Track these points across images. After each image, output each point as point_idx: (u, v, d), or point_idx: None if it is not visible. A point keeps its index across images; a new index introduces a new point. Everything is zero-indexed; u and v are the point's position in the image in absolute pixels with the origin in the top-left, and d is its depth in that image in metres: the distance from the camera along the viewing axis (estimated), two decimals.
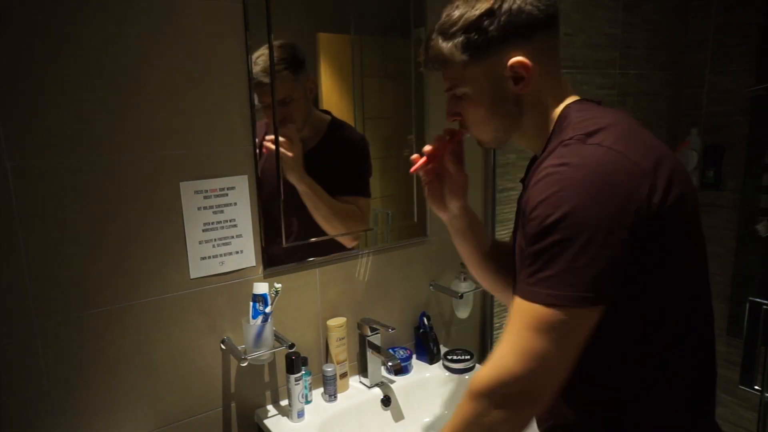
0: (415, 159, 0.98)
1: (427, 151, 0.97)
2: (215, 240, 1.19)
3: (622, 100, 2.00)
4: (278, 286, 1.21)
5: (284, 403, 1.33)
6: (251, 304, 1.19)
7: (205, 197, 1.16)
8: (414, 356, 1.52)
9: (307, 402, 1.32)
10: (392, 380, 1.43)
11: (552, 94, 0.81)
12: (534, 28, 0.77)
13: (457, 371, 1.46)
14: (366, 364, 1.40)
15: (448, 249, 1.33)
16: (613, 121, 0.73)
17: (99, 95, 1.01)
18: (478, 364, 1.48)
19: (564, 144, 0.72)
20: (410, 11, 1.40)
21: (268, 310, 1.19)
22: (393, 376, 1.44)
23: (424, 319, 1.53)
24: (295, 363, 1.23)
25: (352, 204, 1.40)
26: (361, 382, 1.43)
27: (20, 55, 0.93)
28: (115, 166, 1.05)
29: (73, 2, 0.96)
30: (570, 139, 0.71)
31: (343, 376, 1.38)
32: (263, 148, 1.24)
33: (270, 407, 1.32)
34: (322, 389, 1.36)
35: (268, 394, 1.33)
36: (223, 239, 1.20)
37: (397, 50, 1.43)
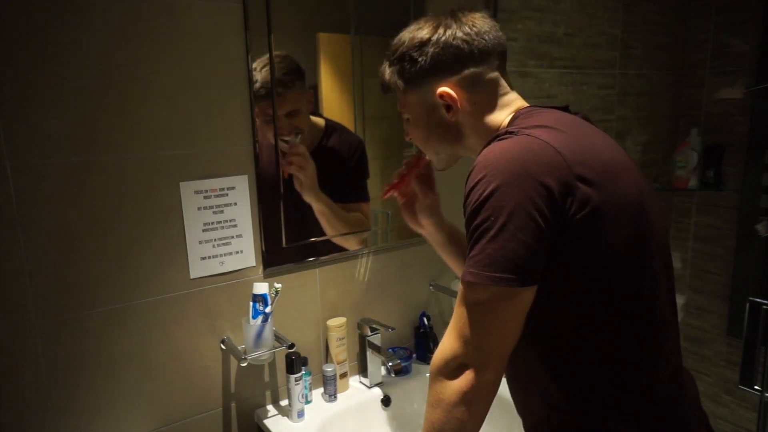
0: (387, 186, 1.08)
1: (395, 175, 1.06)
2: (215, 240, 1.19)
3: (622, 100, 2.00)
4: (278, 286, 1.21)
5: (284, 403, 1.33)
6: (251, 304, 1.20)
7: (205, 197, 1.16)
8: (414, 356, 1.52)
9: (307, 402, 1.32)
10: (392, 380, 1.43)
11: (492, 117, 0.83)
12: (462, 61, 0.81)
13: None
14: (366, 364, 1.40)
15: None
16: (557, 124, 0.73)
17: (99, 95, 1.01)
18: None
19: (498, 138, 0.74)
20: (410, 11, 1.40)
21: (268, 310, 1.19)
22: (393, 376, 1.44)
23: (424, 319, 1.53)
24: (295, 363, 1.23)
25: (357, 211, 1.40)
26: (361, 382, 1.43)
27: (20, 55, 0.93)
28: (115, 166, 1.05)
29: (73, 2, 0.97)
30: (504, 134, 0.74)
31: (343, 376, 1.38)
32: (283, 172, 1.25)
33: (270, 407, 1.32)
34: (322, 389, 1.36)
35: (268, 394, 1.33)
36: (223, 239, 1.20)
37: None
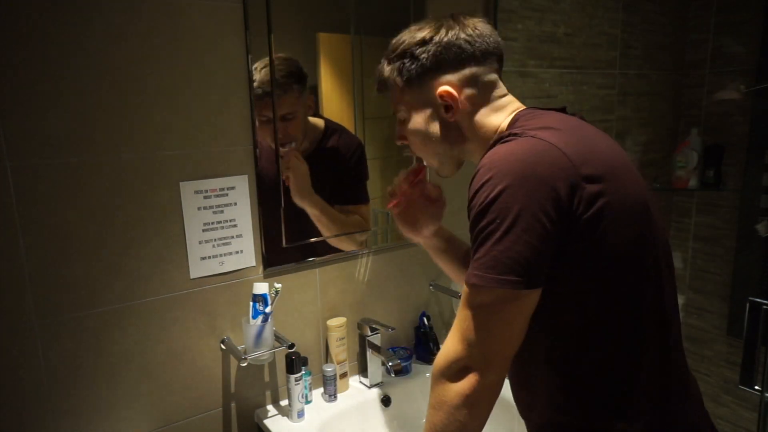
0: (391, 196, 1.07)
1: (396, 187, 1.05)
2: (215, 240, 1.19)
3: (623, 100, 2.00)
4: (278, 286, 1.21)
5: (284, 403, 1.33)
6: (251, 304, 1.19)
7: (205, 197, 1.16)
8: (414, 356, 1.52)
9: (307, 402, 1.32)
10: (392, 380, 1.43)
11: (491, 119, 0.83)
12: (463, 61, 0.81)
13: None
14: (366, 364, 1.40)
15: None
16: (559, 125, 0.74)
17: (99, 95, 1.01)
18: None
19: (502, 140, 0.74)
20: (410, 11, 1.40)
21: (268, 310, 1.19)
22: (393, 376, 1.44)
23: (424, 319, 1.53)
24: (295, 363, 1.23)
25: (356, 213, 1.40)
26: (361, 382, 1.43)
27: (20, 55, 0.93)
28: (115, 166, 1.05)
29: (72, 3, 0.97)
30: (508, 136, 0.74)
31: (343, 376, 1.38)
32: (284, 178, 1.25)
33: (270, 407, 1.32)
34: (322, 389, 1.36)
35: (268, 394, 1.33)
36: (223, 239, 1.20)
37: None
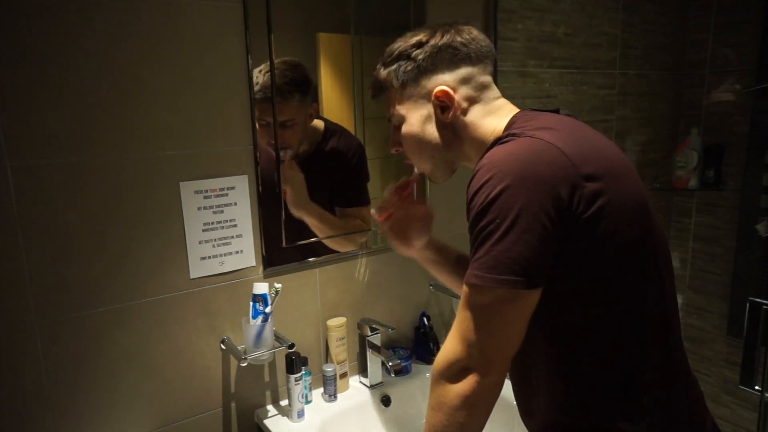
0: (380, 215, 1.08)
1: (387, 202, 1.06)
2: (215, 240, 1.19)
3: (623, 100, 2.00)
4: (278, 286, 1.21)
5: (284, 403, 1.33)
6: (251, 304, 1.19)
7: (205, 197, 1.16)
8: (414, 356, 1.52)
9: (307, 402, 1.32)
10: (392, 380, 1.43)
11: (486, 121, 0.84)
12: (459, 61, 0.83)
13: None
14: (366, 364, 1.40)
15: None
16: (557, 125, 0.74)
17: (99, 95, 1.01)
18: None
19: (501, 142, 0.74)
20: (410, 11, 1.40)
21: (268, 310, 1.19)
22: (393, 376, 1.44)
23: (424, 319, 1.53)
24: (295, 363, 1.23)
25: (356, 216, 1.40)
26: (361, 382, 1.43)
27: (20, 55, 0.93)
28: (115, 166, 1.05)
29: (72, 3, 0.97)
30: (506, 137, 0.74)
31: (343, 376, 1.38)
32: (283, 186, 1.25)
33: (270, 407, 1.32)
34: (322, 389, 1.36)
35: (268, 394, 1.33)
36: (223, 239, 1.20)
37: None
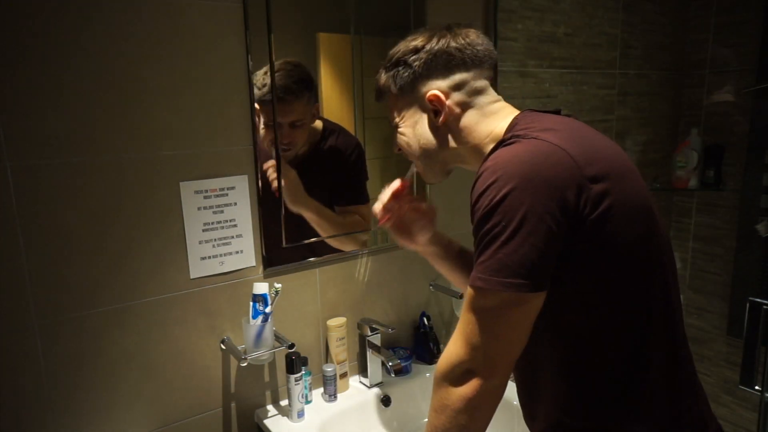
0: (380, 216, 1.07)
1: (384, 207, 1.05)
2: (215, 240, 1.19)
3: (623, 100, 2.00)
4: (278, 286, 1.21)
5: (284, 403, 1.33)
6: (251, 304, 1.19)
7: (205, 197, 1.16)
8: (414, 356, 1.52)
9: (307, 402, 1.32)
10: (392, 380, 1.43)
11: (483, 124, 0.84)
12: (453, 67, 0.84)
13: None
14: (366, 364, 1.40)
15: None
16: (560, 126, 0.74)
17: (99, 95, 1.01)
18: None
19: (504, 144, 0.74)
20: (410, 11, 1.40)
21: (268, 310, 1.19)
22: (393, 376, 1.44)
23: (424, 319, 1.53)
24: (295, 363, 1.23)
25: (355, 213, 1.40)
26: (361, 382, 1.43)
27: (20, 55, 0.93)
28: (115, 166, 1.05)
29: (72, 3, 0.97)
30: (509, 139, 0.74)
31: (343, 376, 1.38)
32: (270, 180, 1.24)
33: (270, 407, 1.32)
34: (322, 389, 1.36)
35: (268, 394, 1.33)
36: (223, 239, 1.20)
37: None
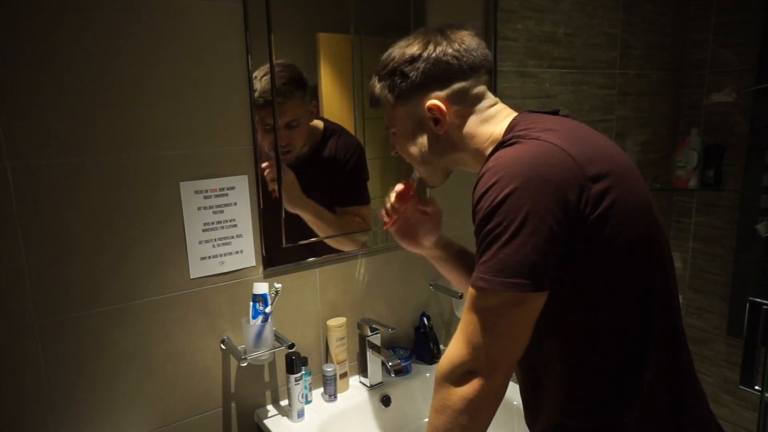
0: (385, 217, 1.07)
1: (389, 209, 1.05)
2: (215, 240, 1.19)
3: (622, 100, 2.00)
4: (278, 286, 1.21)
5: (284, 403, 1.33)
6: (251, 304, 1.19)
7: (205, 197, 1.16)
8: (414, 356, 1.52)
9: (307, 402, 1.32)
10: (392, 380, 1.43)
11: (482, 129, 0.84)
12: (451, 76, 0.83)
13: None
14: (366, 364, 1.39)
15: None
16: (559, 127, 0.74)
17: (99, 95, 1.01)
18: None
19: (505, 145, 0.74)
20: (410, 11, 1.40)
21: (268, 310, 1.19)
22: (393, 376, 1.44)
23: (424, 319, 1.53)
24: (295, 363, 1.23)
25: (355, 214, 1.40)
26: (361, 382, 1.43)
27: (20, 55, 0.93)
28: (115, 166, 1.05)
29: (72, 3, 0.97)
30: (510, 140, 0.74)
31: (343, 376, 1.38)
32: (268, 183, 1.24)
33: (270, 407, 1.32)
34: (322, 389, 1.36)
35: (268, 394, 1.33)
36: (223, 239, 1.20)
37: None
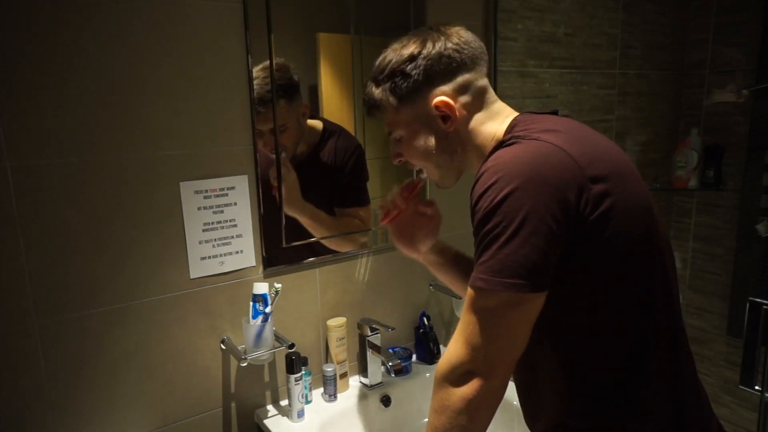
0: (386, 212, 1.05)
1: (390, 203, 1.04)
2: (215, 240, 1.19)
3: (622, 100, 2.00)
4: (278, 286, 1.21)
5: (284, 403, 1.33)
6: (251, 304, 1.19)
7: (205, 197, 1.16)
8: (414, 356, 1.52)
9: (307, 402, 1.32)
10: (392, 380, 1.43)
11: (487, 125, 0.83)
12: (454, 70, 0.81)
13: None
14: (366, 364, 1.39)
15: None
16: (560, 127, 0.74)
17: (99, 95, 1.01)
18: None
19: (505, 145, 0.74)
20: (410, 11, 1.40)
21: (268, 310, 1.19)
22: (393, 376, 1.44)
23: (424, 319, 1.53)
24: (295, 363, 1.23)
25: (354, 215, 1.39)
26: (361, 382, 1.43)
27: (20, 55, 0.93)
28: (115, 166, 1.05)
29: (72, 3, 0.97)
30: (510, 140, 0.74)
31: (343, 376, 1.38)
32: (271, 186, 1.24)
33: (270, 407, 1.32)
34: (322, 389, 1.36)
35: (268, 394, 1.33)
36: (223, 239, 1.20)
37: None
